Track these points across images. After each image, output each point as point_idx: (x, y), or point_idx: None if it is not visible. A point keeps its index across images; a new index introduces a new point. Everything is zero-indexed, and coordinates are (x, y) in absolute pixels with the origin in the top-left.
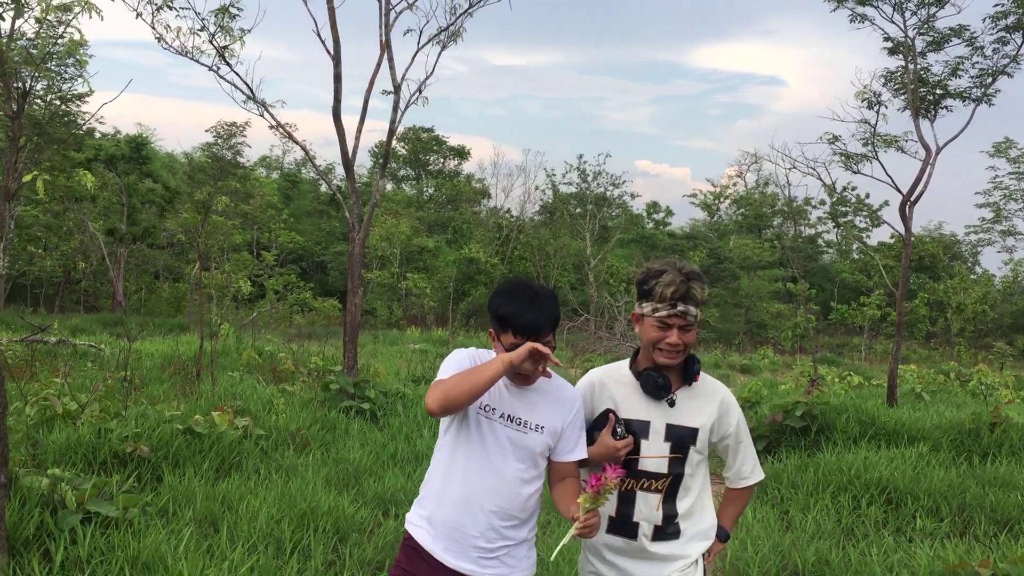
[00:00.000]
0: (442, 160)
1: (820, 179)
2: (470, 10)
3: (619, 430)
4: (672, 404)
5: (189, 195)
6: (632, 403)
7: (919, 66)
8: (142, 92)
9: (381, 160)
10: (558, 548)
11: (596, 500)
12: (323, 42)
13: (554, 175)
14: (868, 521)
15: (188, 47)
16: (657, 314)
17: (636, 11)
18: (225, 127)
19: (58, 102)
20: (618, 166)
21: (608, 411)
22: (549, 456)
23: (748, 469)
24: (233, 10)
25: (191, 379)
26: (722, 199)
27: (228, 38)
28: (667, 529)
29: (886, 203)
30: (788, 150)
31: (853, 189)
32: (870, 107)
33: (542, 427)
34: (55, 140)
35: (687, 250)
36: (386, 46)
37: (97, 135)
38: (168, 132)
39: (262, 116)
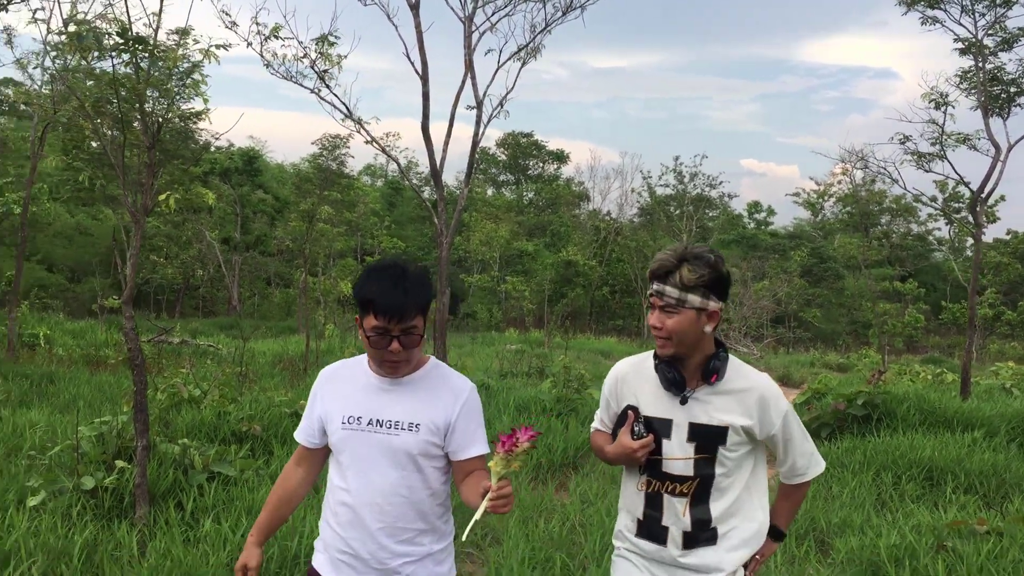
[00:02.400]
0: (541, 164)
1: (892, 178)
2: (548, 28)
3: (636, 429)
4: (684, 402)
5: (296, 205)
6: (654, 399)
7: (993, 65)
8: (255, 105)
9: (466, 169)
10: (470, 525)
11: (508, 464)
12: (412, 63)
13: (650, 177)
14: (906, 495)
15: (292, 72)
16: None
17: (738, 8)
18: (330, 139)
19: (178, 120)
20: (721, 166)
21: (628, 408)
22: (447, 455)
23: (803, 465)
24: (331, 38)
25: (298, 373)
26: (827, 197)
27: (327, 63)
28: (700, 535)
29: (1002, 198)
30: (856, 151)
31: (967, 184)
32: (937, 107)
33: (416, 425)
34: (176, 156)
35: (788, 249)
36: (469, 65)
37: (213, 148)
38: (279, 144)
39: (358, 132)
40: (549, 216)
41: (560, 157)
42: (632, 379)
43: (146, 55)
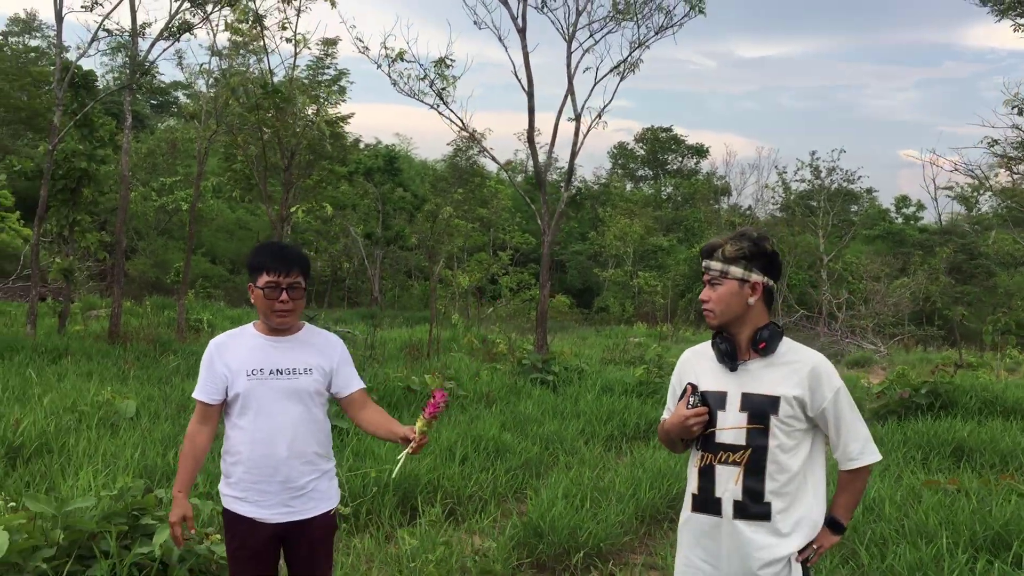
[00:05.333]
0: (680, 159)
1: (979, 180)
2: (644, 44)
3: (692, 400)
4: (733, 370)
5: (429, 203)
6: (710, 375)
7: None
8: (401, 103)
9: (565, 176)
10: (397, 467)
11: (430, 424)
12: (519, 80)
13: (784, 172)
14: (931, 469)
15: (415, 90)
16: None
17: None
18: (463, 140)
19: (325, 124)
20: (878, 157)
21: (688, 384)
22: (335, 395)
23: (856, 449)
24: (448, 61)
25: (421, 356)
26: (982, 191)
27: (444, 83)
28: (751, 508)
29: None
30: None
31: None
32: (1020, 113)
33: (310, 369)
34: (324, 157)
35: (937, 245)
36: (570, 81)
37: (361, 145)
38: (424, 140)
39: (472, 146)
40: (686, 211)
41: (700, 151)
42: (692, 360)
43: (284, 103)
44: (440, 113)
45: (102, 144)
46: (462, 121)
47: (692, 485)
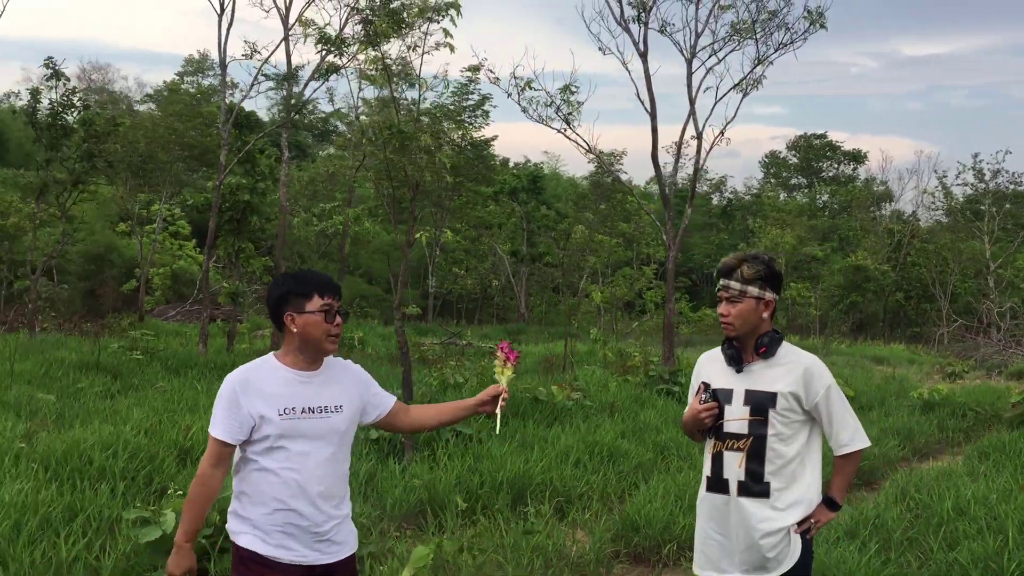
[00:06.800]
0: (836, 166)
1: None
2: (763, 61)
3: (703, 397)
4: (739, 371)
5: (571, 221)
6: (720, 375)
7: None
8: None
9: (688, 191)
10: (499, 421)
11: (511, 372)
12: (642, 103)
13: (944, 177)
14: None
15: (543, 116)
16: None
17: None
18: (604, 155)
19: (469, 147)
20: None
21: (701, 383)
22: (377, 418)
23: (846, 437)
24: (572, 87)
25: (552, 369)
26: None
27: (570, 108)
28: (753, 487)
29: None
30: None
31: None
32: None
33: (340, 406)
34: (470, 179)
35: None
36: (692, 103)
37: (510, 164)
38: (572, 155)
39: (599, 167)
40: (842, 220)
41: (856, 157)
42: (707, 363)
43: (408, 141)
44: (567, 137)
45: (263, 177)
46: (588, 144)
47: (706, 469)
